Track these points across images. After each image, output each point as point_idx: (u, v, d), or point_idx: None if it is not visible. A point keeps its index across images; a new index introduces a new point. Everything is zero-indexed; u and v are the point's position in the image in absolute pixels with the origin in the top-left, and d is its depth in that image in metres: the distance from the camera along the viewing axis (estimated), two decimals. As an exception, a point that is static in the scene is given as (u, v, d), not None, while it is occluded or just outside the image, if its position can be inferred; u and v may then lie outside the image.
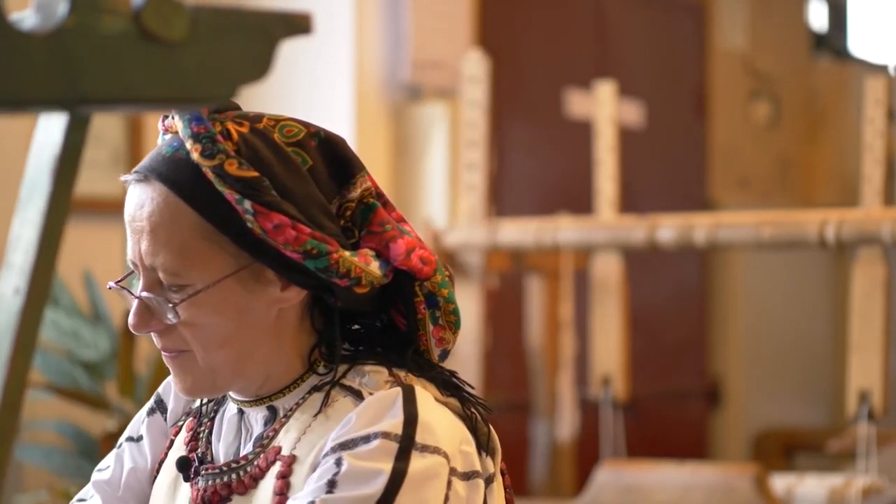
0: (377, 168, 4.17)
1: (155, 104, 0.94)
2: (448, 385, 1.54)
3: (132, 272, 1.54)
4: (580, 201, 4.28)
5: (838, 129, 6.63)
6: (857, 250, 3.29)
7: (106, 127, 4.11)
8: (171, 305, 1.49)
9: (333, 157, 1.53)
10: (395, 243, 1.52)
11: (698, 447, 5.79)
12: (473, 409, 1.53)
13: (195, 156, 1.46)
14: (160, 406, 1.68)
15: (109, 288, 1.57)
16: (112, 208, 4.12)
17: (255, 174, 1.46)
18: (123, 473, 1.66)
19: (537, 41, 5.09)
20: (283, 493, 1.47)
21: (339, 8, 4.22)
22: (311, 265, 1.47)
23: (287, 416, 1.53)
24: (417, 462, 1.43)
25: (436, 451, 1.45)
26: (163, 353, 1.54)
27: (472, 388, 1.57)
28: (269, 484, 1.49)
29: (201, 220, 1.48)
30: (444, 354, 1.58)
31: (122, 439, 1.69)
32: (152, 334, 1.53)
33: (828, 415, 6.43)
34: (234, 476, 1.52)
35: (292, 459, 1.48)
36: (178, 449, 1.61)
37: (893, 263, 3.33)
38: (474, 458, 1.50)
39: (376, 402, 1.47)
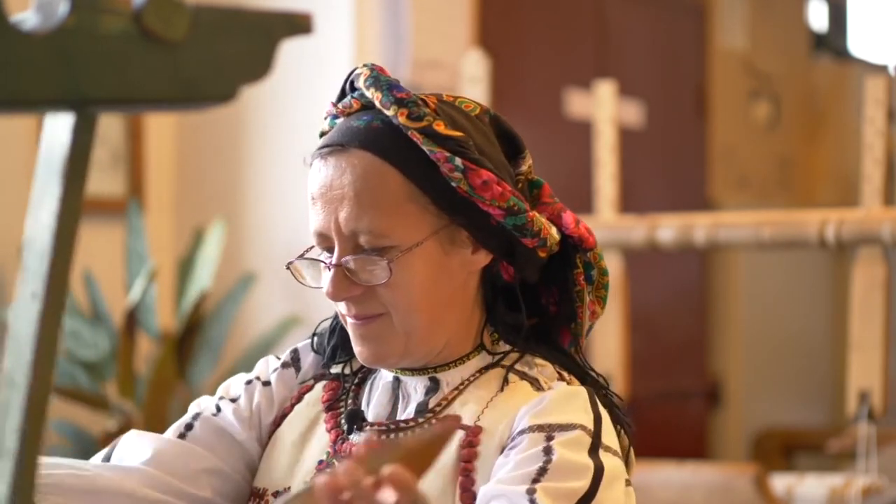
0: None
1: (155, 104, 0.94)
2: (600, 396, 1.58)
3: (312, 247, 1.58)
4: (580, 201, 4.28)
5: (838, 129, 6.63)
6: (857, 250, 3.29)
7: (106, 127, 4.11)
8: (385, 262, 1.52)
9: (504, 132, 1.62)
10: (565, 213, 1.62)
11: (698, 447, 5.79)
12: (619, 424, 1.58)
13: (402, 119, 1.52)
14: (295, 362, 1.69)
15: (288, 266, 1.59)
16: (112, 208, 4.12)
17: (462, 133, 1.53)
18: (254, 409, 1.66)
19: (537, 41, 5.09)
20: (469, 460, 1.51)
21: (339, 8, 4.22)
22: (510, 222, 1.54)
23: (459, 390, 1.57)
24: (608, 461, 1.50)
25: (616, 453, 1.52)
26: (353, 321, 1.57)
27: (622, 400, 1.64)
28: (451, 450, 1.52)
29: (405, 181, 1.53)
30: (590, 329, 1.65)
31: (250, 376, 1.69)
32: (345, 303, 1.56)
33: (828, 415, 6.43)
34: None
35: (479, 430, 1.53)
36: (311, 405, 1.63)
37: (893, 263, 3.33)
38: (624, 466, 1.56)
39: (569, 394, 1.53)
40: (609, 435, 1.52)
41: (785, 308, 6.35)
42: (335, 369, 1.67)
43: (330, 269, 1.54)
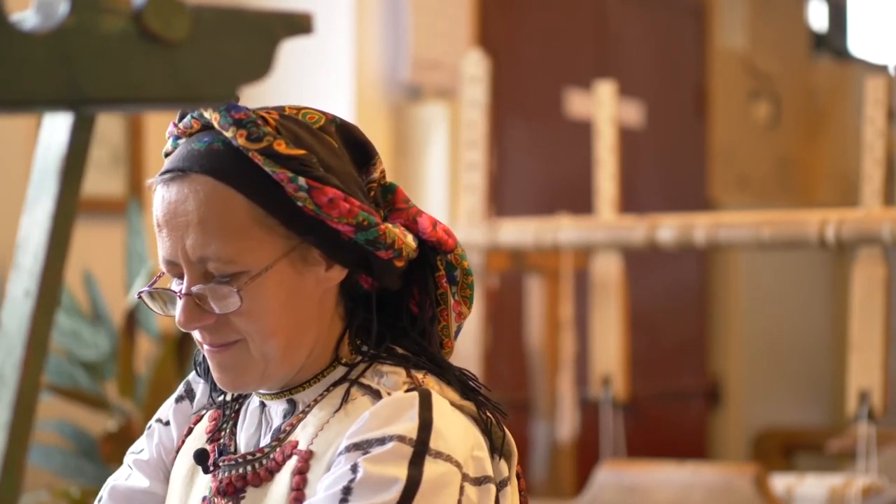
0: (377, 168, 4.16)
1: (155, 104, 0.94)
2: (465, 388, 1.55)
3: (160, 275, 1.55)
4: (580, 201, 4.28)
5: (838, 129, 6.63)
6: (857, 250, 3.29)
7: (106, 127, 4.11)
8: (235, 290, 1.49)
9: (352, 141, 1.56)
10: (421, 217, 1.57)
11: (698, 447, 5.79)
12: (489, 413, 1.54)
13: (241, 141, 1.48)
14: (189, 394, 1.70)
15: (139, 296, 1.57)
16: (112, 208, 4.12)
17: (304, 151, 1.49)
18: (156, 452, 1.67)
19: (537, 41, 5.09)
20: (299, 488, 1.48)
21: (339, 8, 4.22)
22: (361, 237, 1.50)
23: (305, 412, 1.54)
24: (431, 469, 1.44)
25: (448, 458, 1.46)
26: (209, 348, 1.55)
27: (490, 390, 1.59)
28: (284, 477, 1.50)
29: (251, 205, 1.49)
30: (458, 331, 1.61)
31: (151, 422, 1.71)
32: (198, 332, 1.53)
33: (828, 415, 6.43)
34: (249, 468, 1.53)
35: (309, 455, 1.49)
36: (198, 438, 1.62)
37: (893, 263, 3.33)
38: (486, 463, 1.51)
39: (392, 404, 1.48)
40: (443, 438, 1.46)
41: (785, 308, 6.35)
42: (220, 397, 1.65)
43: (181, 298, 1.52)
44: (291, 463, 1.50)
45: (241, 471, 1.54)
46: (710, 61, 5.97)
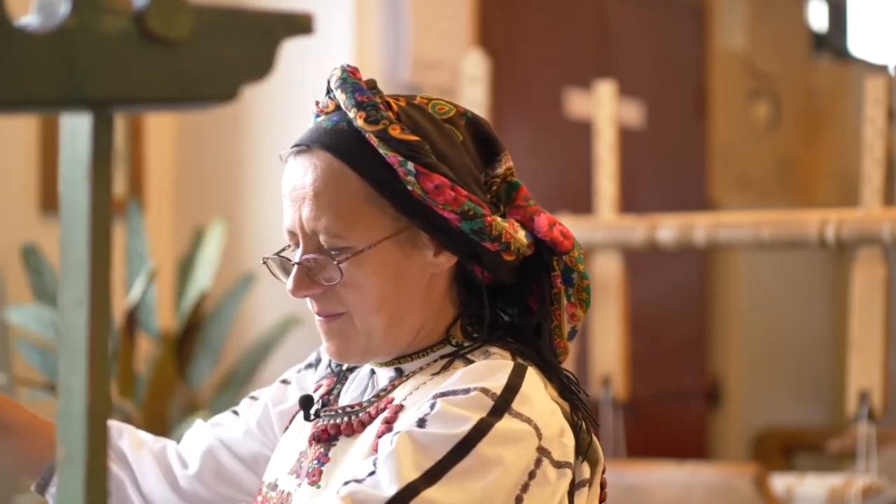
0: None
1: (156, 104, 0.94)
2: (564, 388, 1.58)
3: (288, 246, 1.62)
4: (580, 201, 4.28)
5: (838, 129, 6.64)
6: (857, 250, 3.29)
7: (106, 127, 4.11)
8: (335, 263, 1.55)
9: (480, 135, 1.62)
10: (539, 216, 1.62)
11: (698, 447, 5.79)
12: (581, 418, 1.58)
13: (360, 122, 1.55)
14: (317, 363, 1.77)
15: (264, 261, 1.65)
16: (112, 208, 4.12)
17: (417, 138, 1.55)
18: (259, 410, 1.77)
19: (537, 41, 5.09)
20: (381, 436, 1.53)
21: (339, 8, 4.22)
22: (466, 226, 1.55)
23: (408, 376, 1.60)
24: (507, 422, 1.48)
25: (528, 421, 1.49)
26: (318, 317, 1.61)
27: (588, 396, 1.64)
28: (374, 429, 1.56)
29: (363, 184, 1.55)
30: (573, 333, 1.65)
31: (276, 382, 1.80)
32: (310, 300, 1.60)
33: (828, 415, 6.43)
34: (345, 419, 1.59)
35: (399, 408, 1.55)
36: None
37: (893, 263, 3.34)
38: (571, 452, 1.54)
39: (485, 365, 1.53)
40: (528, 404, 1.49)
41: (785, 308, 6.35)
42: (336, 366, 1.72)
43: (293, 266, 1.59)
44: (383, 415, 1.56)
45: (337, 420, 1.60)
46: (710, 61, 5.97)
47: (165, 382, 3.72)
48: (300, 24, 0.97)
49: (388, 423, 1.54)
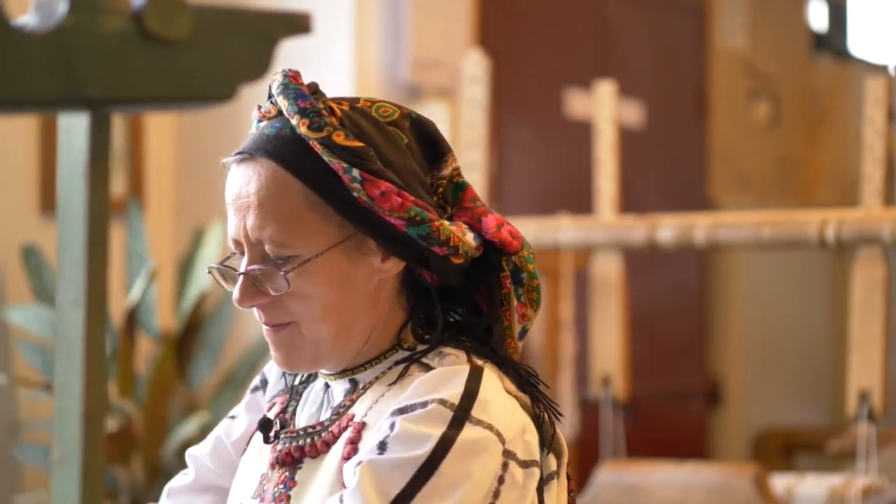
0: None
1: (155, 104, 0.94)
2: (523, 381, 1.58)
3: (233, 254, 1.60)
4: (580, 201, 4.28)
5: (838, 129, 6.63)
6: (857, 250, 3.29)
7: (106, 127, 4.10)
8: (281, 274, 1.53)
9: (425, 137, 1.61)
10: (486, 217, 1.59)
11: (698, 447, 5.79)
12: (543, 410, 1.57)
13: (303, 129, 1.53)
14: (263, 384, 1.75)
15: (209, 271, 1.63)
16: (112, 208, 4.11)
17: (362, 144, 1.53)
18: (210, 444, 1.75)
19: (537, 41, 5.09)
20: (349, 457, 1.52)
21: (339, 8, 4.22)
22: (413, 232, 1.53)
23: (365, 388, 1.58)
24: (468, 432, 1.47)
25: (489, 427, 1.48)
26: (266, 327, 1.59)
27: (548, 387, 1.62)
28: (338, 449, 1.54)
29: (308, 192, 1.54)
30: (523, 333, 1.63)
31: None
32: (256, 310, 1.58)
33: (828, 415, 6.43)
34: (307, 440, 1.58)
35: (362, 426, 1.53)
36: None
37: (893, 263, 3.33)
38: (536, 448, 1.53)
39: (440, 374, 1.52)
40: (486, 409, 1.49)
41: (785, 308, 6.35)
42: (289, 382, 1.71)
43: (239, 276, 1.57)
44: (346, 434, 1.54)
45: (300, 442, 1.58)
46: (710, 61, 5.97)
47: (165, 382, 3.72)
48: (299, 24, 0.97)
49: (354, 444, 1.52)
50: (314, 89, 1.57)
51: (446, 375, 1.51)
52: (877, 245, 3.23)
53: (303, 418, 1.63)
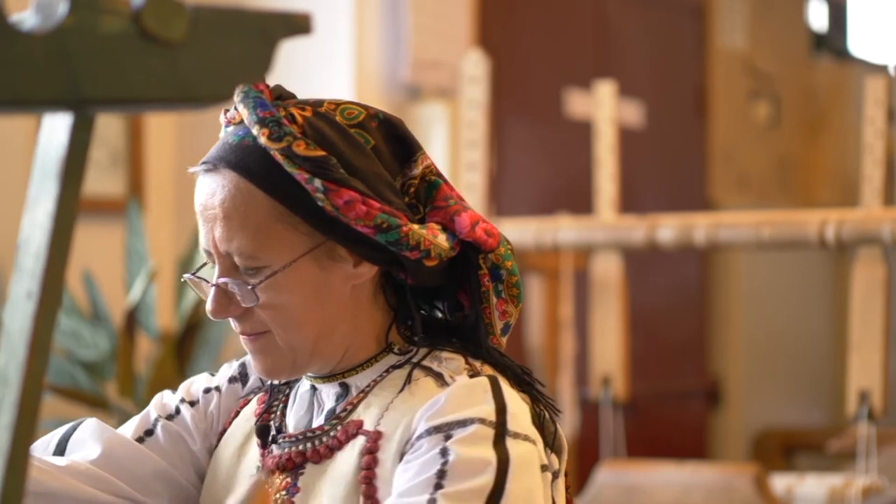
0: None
1: (155, 104, 0.94)
2: (520, 381, 1.57)
3: (205, 263, 1.59)
4: (580, 201, 4.28)
5: (838, 129, 6.63)
6: (857, 250, 3.29)
7: (106, 127, 4.11)
8: (249, 288, 1.52)
9: (394, 136, 1.57)
10: (459, 217, 1.57)
11: (698, 447, 5.79)
12: (542, 408, 1.56)
13: (263, 140, 1.50)
14: (243, 378, 1.73)
15: (183, 280, 1.61)
16: (112, 208, 4.12)
17: (323, 153, 1.50)
18: (207, 415, 1.69)
19: (537, 41, 5.09)
20: (370, 467, 1.50)
21: (339, 8, 4.22)
22: (382, 239, 1.51)
23: (365, 392, 1.56)
24: (514, 449, 1.47)
25: (526, 438, 1.49)
26: (242, 336, 1.58)
27: (544, 385, 1.61)
28: (347, 456, 1.52)
29: (273, 203, 1.51)
30: (507, 329, 1.62)
31: (202, 383, 1.73)
32: (231, 319, 1.57)
33: (828, 415, 6.43)
34: (309, 445, 1.56)
35: (378, 435, 1.51)
36: (246, 420, 1.65)
37: (893, 263, 3.33)
38: (542, 451, 1.53)
39: (467, 388, 1.50)
40: (517, 420, 1.48)
41: (785, 308, 6.35)
42: (268, 382, 1.68)
43: (211, 288, 1.56)
44: (358, 442, 1.52)
45: (300, 447, 1.56)
46: (710, 61, 5.97)
47: (165, 382, 3.71)
48: (299, 25, 0.97)
49: (372, 454, 1.51)
50: (278, 93, 1.55)
51: (473, 389, 1.50)
52: (877, 245, 3.23)
53: (292, 421, 1.61)
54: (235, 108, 1.55)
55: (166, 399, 1.73)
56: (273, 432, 1.61)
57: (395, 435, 1.50)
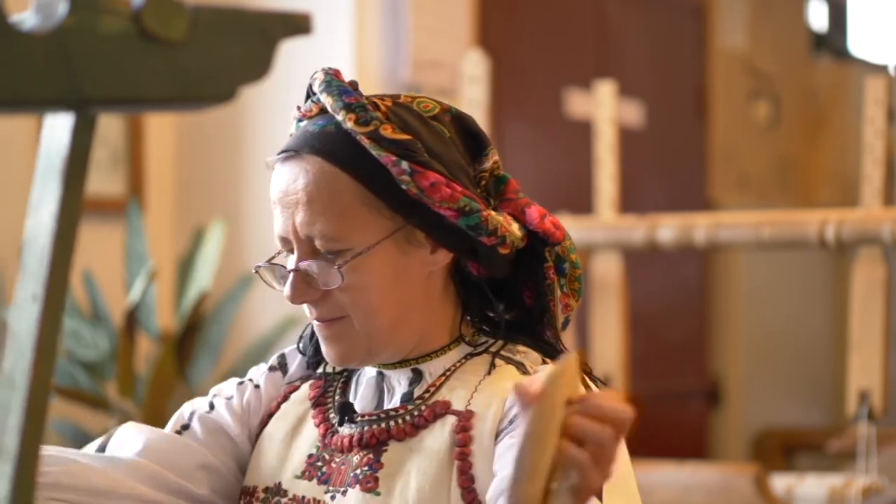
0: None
1: (155, 104, 0.94)
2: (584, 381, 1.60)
3: (278, 253, 1.61)
4: (580, 201, 4.28)
5: (838, 129, 6.63)
6: (857, 250, 3.29)
7: (106, 127, 4.11)
8: (335, 268, 1.55)
9: (467, 131, 1.63)
10: (530, 209, 1.62)
11: (698, 447, 5.79)
12: None
13: (350, 124, 1.54)
14: (282, 367, 1.74)
15: (256, 270, 1.63)
16: (112, 208, 4.12)
17: (410, 136, 1.55)
18: (244, 406, 1.70)
19: (537, 41, 5.09)
20: (465, 444, 1.54)
21: (339, 8, 4.22)
22: (463, 222, 1.55)
23: (446, 377, 1.60)
24: None
25: None
26: (317, 322, 1.60)
27: (605, 384, 1.66)
28: (437, 433, 1.56)
29: (357, 185, 1.55)
30: (566, 323, 1.67)
31: (244, 379, 1.73)
32: (307, 306, 1.59)
33: (828, 415, 6.43)
34: (392, 423, 1.59)
35: (470, 415, 1.55)
36: (298, 403, 1.67)
37: (893, 263, 3.33)
38: None
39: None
40: None
41: (785, 308, 6.35)
42: (321, 369, 1.71)
43: (290, 273, 1.58)
44: (448, 421, 1.56)
45: (383, 425, 1.59)
46: (710, 61, 5.97)
47: (165, 382, 3.72)
48: (299, 25, 0.97)
49: (466, 431, 1.55)
50: (355, 86, 1.59)
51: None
52: (877, 245, 3.23)
53: (358, 405, 1.64)
54: (311, 101, 1.61)
55: (197, 401, 1.75)
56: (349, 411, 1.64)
57: (488, 414, 1.54)
